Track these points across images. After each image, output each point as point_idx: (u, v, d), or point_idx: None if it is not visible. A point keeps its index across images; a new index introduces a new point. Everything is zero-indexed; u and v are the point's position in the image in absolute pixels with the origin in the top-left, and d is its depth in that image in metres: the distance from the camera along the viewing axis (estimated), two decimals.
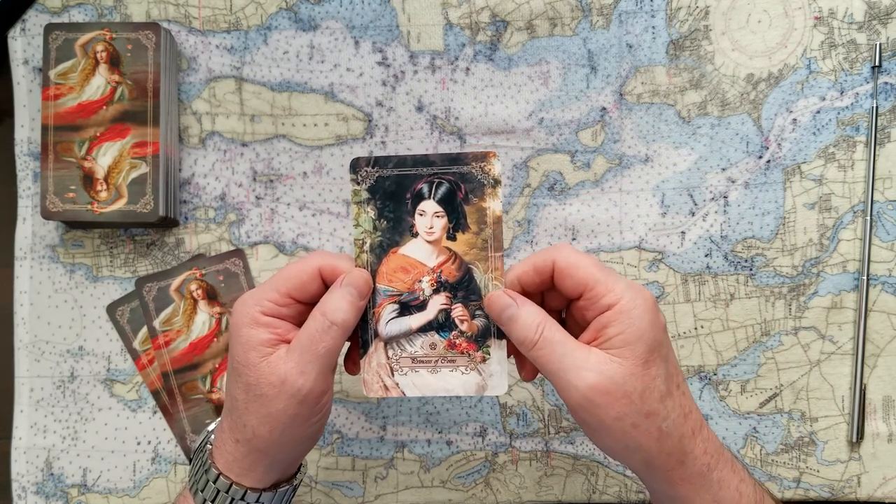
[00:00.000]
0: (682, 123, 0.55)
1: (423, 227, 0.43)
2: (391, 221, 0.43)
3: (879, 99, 0.54)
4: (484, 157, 0.42)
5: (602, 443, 0.40)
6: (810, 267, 0.55)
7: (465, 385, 0.43)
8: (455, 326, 0.43)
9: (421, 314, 0.43)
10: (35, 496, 0.55)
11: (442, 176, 0.43)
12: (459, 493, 0.55)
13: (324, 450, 0.56)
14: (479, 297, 0.43)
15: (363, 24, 0.56)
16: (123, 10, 0.56)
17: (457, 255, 0.43)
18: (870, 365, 0.54)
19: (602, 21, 0.55)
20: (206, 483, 0.41)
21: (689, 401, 0.40)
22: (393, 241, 0.43)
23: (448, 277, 0.43)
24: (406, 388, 0.44)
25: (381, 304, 0.43)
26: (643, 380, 0.38)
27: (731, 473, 0.40)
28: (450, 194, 0.43)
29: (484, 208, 0.43)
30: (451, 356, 0.43)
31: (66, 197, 0.53)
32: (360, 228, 0.43)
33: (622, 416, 0.38)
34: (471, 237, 0.43)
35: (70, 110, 0.53)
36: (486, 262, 0.43)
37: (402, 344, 0.44)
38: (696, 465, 0.39)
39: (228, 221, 0.56)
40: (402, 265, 0.43)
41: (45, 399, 0.56)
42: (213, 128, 0.56)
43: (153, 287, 0.55)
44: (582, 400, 0.38)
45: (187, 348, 0.55)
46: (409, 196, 0.43)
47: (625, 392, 0.37)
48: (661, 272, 0.55)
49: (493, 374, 0.43)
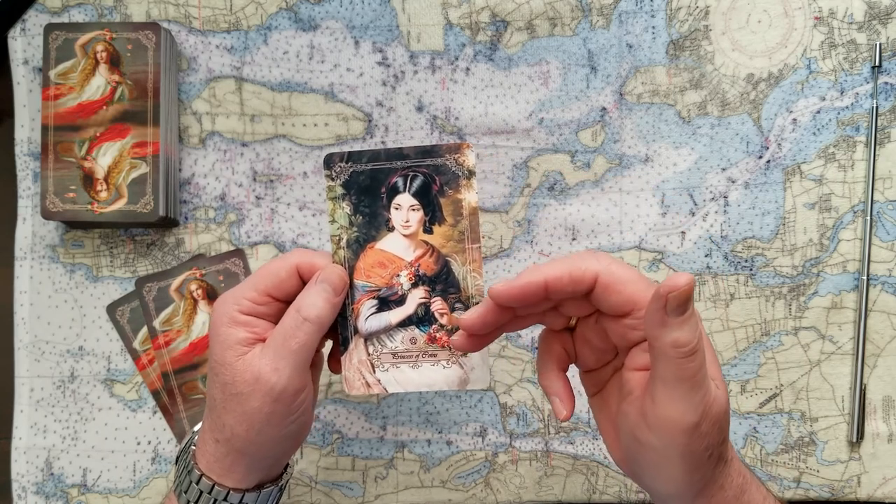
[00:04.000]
0: (682, 123, 0.55)
1: (400, 221, 0.43)
2: (367, 216, 0.43)
3: (879, 99, 0.54)
4: (458, 149, 0.42)
5: (666, 474, 0.36)
6: (810, 267, 0.55)
7: (447, 379, 0.43)
8: (435, 320, 0.43)
9: (400, 309, 0.43)
10: (35, 496, 0.55)
11: (416, 169, 0.42)
12: (459, 493, 0.55)
13: (324, 450, 0.56)
14: (458, 289, 0.42)
15: (363, 24, 0.56)
16: (123, 10, 0.56)
17: (434, 249, 0.43)
18: (870, 365, 0.54)
19: (602, 21, 0.55)
20: (190, 484, 0.41)
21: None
22: (369, 236, 0.43)
23: (426, 271, 0.43)
24: (388, 384, 0.43)
25: (359, 300, 0.43)
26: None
27: (757, 494, 0.39)
28: (425, 187, 0.42)
29: (459, 200, 0.42)
30: (432, 350, 0.43)
31: (66, 197, 0.53)
32: (335, 224, 0.43)
33: (712, 446, 0.35)
34: (447, 229, 0.42)
35: (70, 110, 0.53)
36: (464, 253, 0.42)
37: (383, 339, 0.43)
38: (731, 489, 0.38)
39: (228, 221, 0.56)
40: (380, 260, 0.43)
41: (46, 399, 0.56)
42: (213, 128, 0.56)
43: (153, 287, 0.55)
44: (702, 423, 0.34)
45: (187, 348, 0.55)
46: (383, 190, 0.42)
47: (726, 421, 0.36)
48: (662, 272, 0.55)
49: (475, 367, 0.43)
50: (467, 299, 0.42)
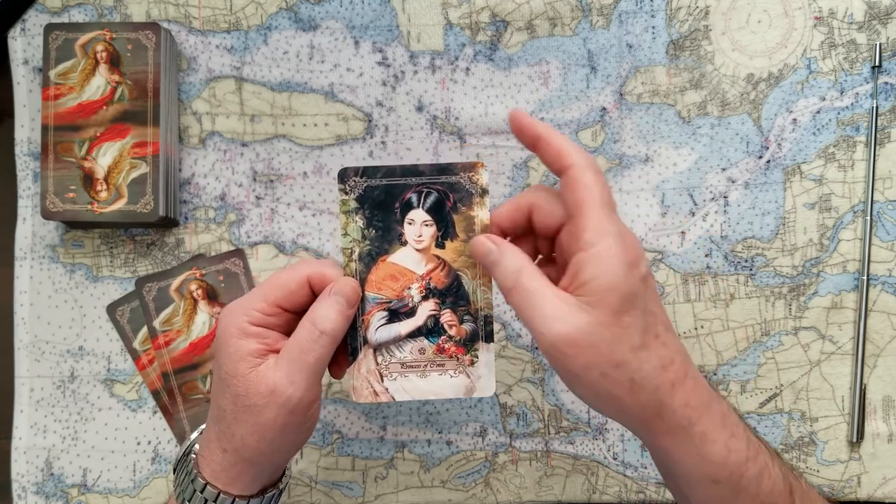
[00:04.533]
0: (682, 123, 0.55)
1: (413, 236, 0.44)
2: (380, 230, 0.44)
3: (879, 99, 0.54)
4: (472, 168, 0.43)
5: (576, 391, 0.39)
6: (810, 267, 0.55)
7: (454, 388, 0.44)
8: (444, 331, 0.44)
9: (410, 320, 0.44)
10: (35, 496, 0.55)
11: (430, 185, 0.44)
12: (459, 493, 0.55)
13: (324, 450, 0.56)
14: (468, 302, 0.44)
15: (363, 24, 0.56)
16: (123, 10, 0.56)
17: (445, 263, 0.44)
18: (870, 365, 0.54)
19: (602, 21, 0.55)
20: (193, 493, 0.41)
21: (672, 352, 0.38)
22: (382, 250, 0.44)
23: (437, 284, 0.44)
24: (396, 392, 0.44)
25: (370, 312, 0.44)
26: (612, 330, 0.37)
27: (721, 428, 0.39)
28: (438, 203, 0.44)
29: (472, 217, 0.43)
30: (440, 360, 0.44)
31: (66, 197, 0.53)
32: (348, 238, 0.44)
33: (590, 365, 0.37)
34: (459, 245, 0.44)
35: (70, 110, 0.53)
36: (475, 268, 0.44)
37: (392, 350, 0.44)
38: (674, 418, 0.38)
39: (228, 221, 0.56)
40: (392, 273, 0.44)
41: (46, 399, 0.56)
42: (213, 128, 0.56)
43: (153, 287, 0.55)
44: (550, 349, 0.37)
45: (187, 348, 0.55)
46: (397, 205, 0.44)
47: (591, 342, 0.37)
48: (661, 272, 0.55)
49: (482, 375, 0.44)
50: (476, 312, 0.44)
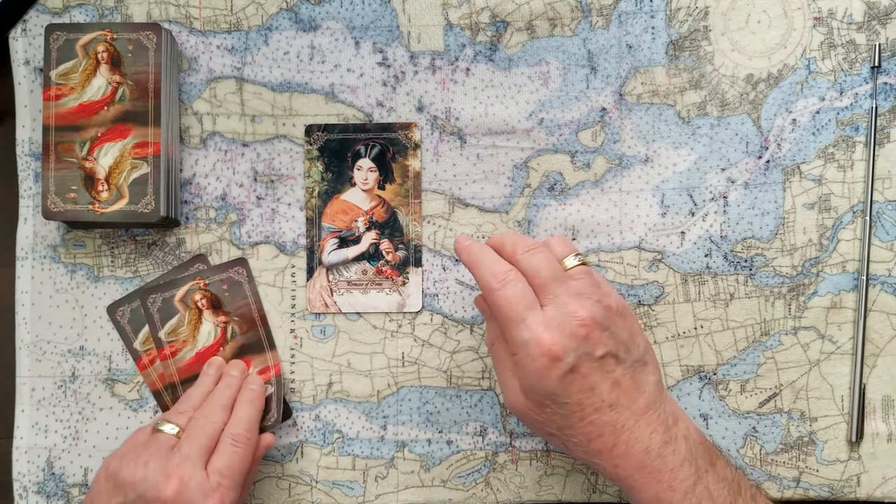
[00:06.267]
0: (681, 123, 0.55)
1: (360, 179, 0.55)
2: (335, 174, 0.55)
3: (879, 99, 0.54)
4: (408, 127, 0.55)
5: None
6: (810, 267, 0.55)
7: (389, 303, 0.55)
8: (382, 257, 0.55)
9: (356, 247, 0.55)
10: (36, 496, 0.55)
11: (375, 140, 0.55)
12: (460, 493, 0.55)
13: (324, 449, 0.56)
14: (402, 233, 0.55)
15: (363, 24, 0.56)
16: (124, 10, 0.56)
17: (385, 201, 0.55)
18: (869, 365, 0.54)
19: (602, 21, 0.56)
20: None
21: (600, 427, 0.43)
22: (336, 189, 0.55)
23: (378, 218, 0.55)
24: (342, 305, 0.55)
25: (324, 239, 0.55)
26: (540, 415, 0.44)
27: (654, 482, 0.43)
28: (381, 154, 0.55)
29: (407, 165, 0.55)
30: (379, 280, 0.55)
31: (67, 197, 0.53)
32: (310, 179, 0.55)
33: (533, 429, 0.46)
34: (396, 187, 0.55)
35: (71, 111, 0.53)
36: (408, 206, 0.55)
37: (340, 270, 0.55)
38: (605, 474, 0.44)
39: (229, 221, 0.56)
40: (343, 208, 0.55)
41: (47, 399, 0.56)
42: (213, 128, 0.56)
43: (157, 298, 0.55)
44: (509, 407, 0.46)
45: (193, 358, 0.55)
46: (349, 155, 0.55)
47: (528, 418, 0.45)
48: (661, 272, 0.55)
49: (411, 294, 0.55)
50: (408, 241, 0.55)
